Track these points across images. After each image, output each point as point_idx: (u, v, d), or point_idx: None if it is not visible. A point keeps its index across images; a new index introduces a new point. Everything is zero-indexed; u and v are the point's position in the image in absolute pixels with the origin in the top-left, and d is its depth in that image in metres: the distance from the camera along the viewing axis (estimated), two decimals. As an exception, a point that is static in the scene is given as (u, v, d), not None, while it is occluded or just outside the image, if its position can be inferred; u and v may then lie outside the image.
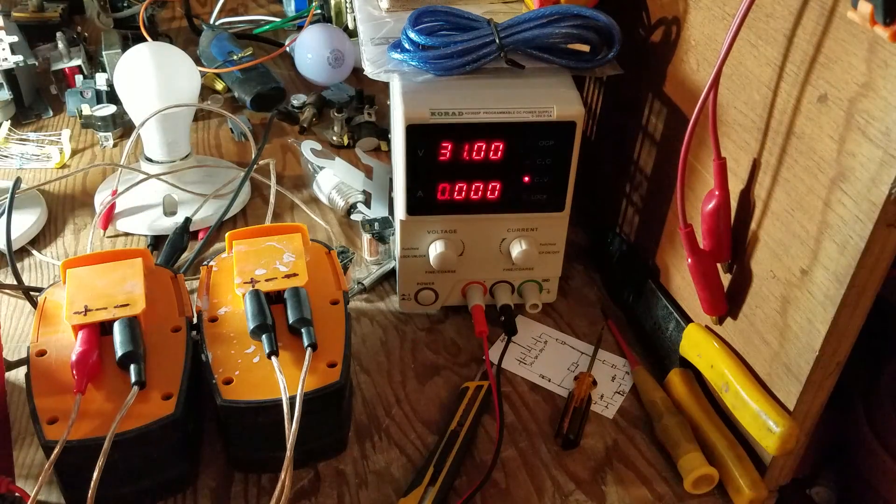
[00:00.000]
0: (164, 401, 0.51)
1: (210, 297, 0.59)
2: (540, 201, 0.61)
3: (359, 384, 0.62)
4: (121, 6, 0.99)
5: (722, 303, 0.55)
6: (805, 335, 0.48)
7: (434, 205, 0.60)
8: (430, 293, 0.67)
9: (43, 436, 0.48)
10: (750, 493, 0.52)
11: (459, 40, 0.57)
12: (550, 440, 0.58)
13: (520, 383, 0.63)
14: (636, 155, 0.66)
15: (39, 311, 0.57)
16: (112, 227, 0.77)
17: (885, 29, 0.34)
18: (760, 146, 0.50)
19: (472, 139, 0.57)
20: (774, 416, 0.50)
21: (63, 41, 0.91)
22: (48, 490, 0.53)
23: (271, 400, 0.51)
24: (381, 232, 0.71)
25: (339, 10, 1.05)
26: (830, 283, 0.45)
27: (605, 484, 0.56)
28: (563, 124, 0.57)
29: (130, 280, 0.57)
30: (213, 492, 0.54)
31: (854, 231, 0.42)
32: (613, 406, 0.61)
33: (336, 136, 0.90)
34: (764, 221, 0.50)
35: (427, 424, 0.59)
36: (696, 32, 0.55)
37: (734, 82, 0.51)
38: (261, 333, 0.54)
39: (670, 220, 0.62)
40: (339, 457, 0.57)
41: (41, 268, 0.73)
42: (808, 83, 0.44)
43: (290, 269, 0.59)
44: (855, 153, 0.42)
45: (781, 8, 0.45)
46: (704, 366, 0.57)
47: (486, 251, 0.64)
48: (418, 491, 0.53)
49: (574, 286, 0.72)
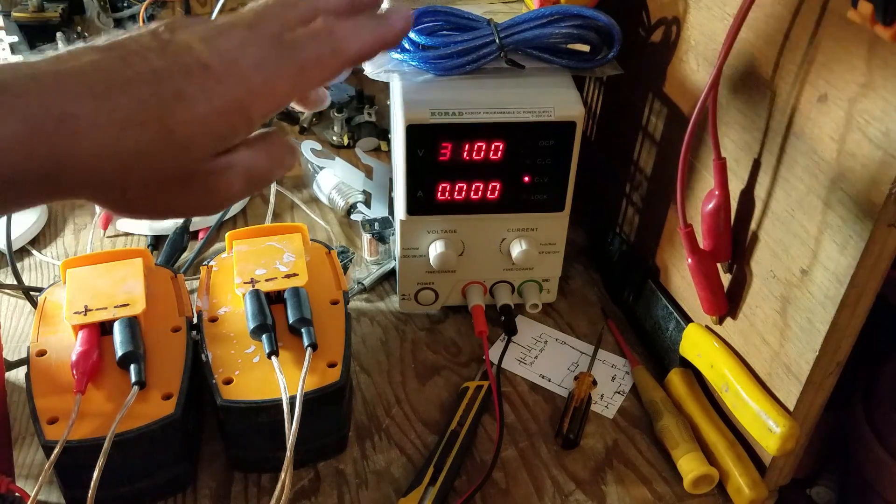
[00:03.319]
0: (164, 401, 0.51)
1: (210, 297, 0.59)
2: (540, 201, 0.61)
3: (359, 384, 0.62)
4: (121, 6, 0.99)
5: (722, 303, 0.55)
6: (805, 335, 0.48)
7: (434, 205, 0.60)
8: (430, 293, 0.67)
9: (43, 436, 0.48)
10: (750, 493, 0.52)
11: (459, 40, 0.57)
12: (550, 440, 0.58)
13: (520, 383, 0.63)
14: (636, 155, 0.66)
15: (39, 311, 0.57)
16: (112, 227, 0.77)
17: (885, 29, 0.34)
18: (760, 146, 0.50)
19: (472, 139, 0.57)
20: (774, 416, 0.50)
21: (63, 41, 0.90)
22: (48, 490, 0.53)
23: (271, 400, 0.51)
24: (381, 232, 0.71)
25: (339, 10, 1.05)
26: (830, 283, 0.45)
27: (605, 484, 0.56)
28: (563, 124, 0.57)
29: (130, 280, 0.57)
30: (213, 492, 0.54)
31: (854, 231, 0.42)
32: (613, 406, 0.61)
33: (336, 136, 0.90)
34: (764, 221, 0.50)
35: (427, 424, 0.59)
36: (696, 32, 0.55)
37: (734, 82, 0.51)
38: (261, 333, 0.54)
39: (670, 220, 0.62)
40: (339, 457, 0.57)
41: (41, 268, 0.73)
42: (808, 83, 0.44)
43: (290, 269, 0.59)
44: (855, 153, 0.42)
45: (781, 8, 0.45)
46: (704, 366, 0.57)
47: (486, 251, 0.64)
48: (418, 491, 0.53)
49: (574, 286, 0.72)
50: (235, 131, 0.37)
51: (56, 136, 0.33)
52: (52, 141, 0.33)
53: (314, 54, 0.39)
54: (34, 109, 0.32)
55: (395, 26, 0.43)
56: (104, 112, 0.34)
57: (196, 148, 0.36)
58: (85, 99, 0.33)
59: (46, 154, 0.33)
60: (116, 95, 0.34)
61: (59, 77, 0.34)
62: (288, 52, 0.38)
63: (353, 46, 0.41)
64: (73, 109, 0.33)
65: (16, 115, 0.32)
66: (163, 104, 0.35)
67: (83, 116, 0.33)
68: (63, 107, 0.33)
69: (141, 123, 0.34)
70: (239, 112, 0.37)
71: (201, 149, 0.36)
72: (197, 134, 0.36)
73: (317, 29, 0.40)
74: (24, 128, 0.32)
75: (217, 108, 0.36)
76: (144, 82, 0.35)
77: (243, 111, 0.37)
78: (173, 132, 0.35)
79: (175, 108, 0.35)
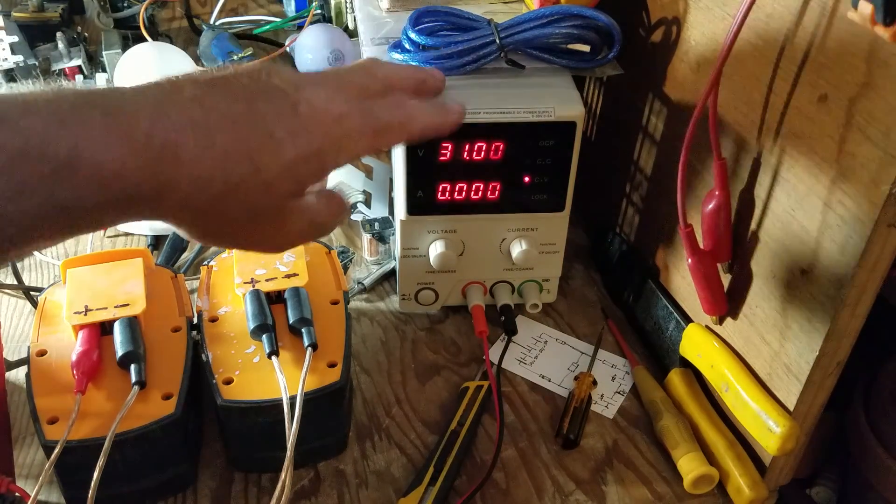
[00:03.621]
0: (165, 401, 0.51)
1: (210, 297, 0.59)
2: (540, 201, 0.61)
3: (359, 384, 0.62)
4: (121, 6, 0.99)
5: (722, 303, 0.55)
6: (805, 335, 0.48)
7: (434, 205, 0.60)
8: (430, 293, 0.67)
9: (43, 436, 0.48)
10: (750, 493, 0.52)
11: (460, 40, 0.57)
12: (550, 440, 0.58)
13: (520, 383, 0.63)
14: (636, 155, 0.66)
15: (39, 311, 0.57)
16: (112, 227, 0.77)
17: (886, 29, 0.34)
18: (760, 146, 0.50)
19: (472, 139, 0.57)
20: (774, 416, 0.50)
21: (63, 41, 0.90)
22: (48, 490, 0.53)
23: (271, 400, 0.51)
24: (381, 232, 0.71)
25: (339, 10, 1.05)
26: (830, 283, 0.45)
27: (605, 484, 0.56)
28: (563, 124, 0.57)
29: (131, 280, 0.57)
30: (213, 492, 0.54)
31: (854, 231, 0.42)
32: (613, 406, 0.61)
33: (336, 136, 0.90)
34: (764, 221, 0.50)
35: (427, 424, 0.59)
36: (696, 32, 0.55)
37: (734, 82, 0.51)
38: (261, 333, 0.54)
39: (670, 220, 0.62)
40: (339, 457, 0.57)
41: (41, 268, 0.73)
42: (808, 83, 0.44)
43: (290, 269, 0.59)
44: (855, 153, 0.42)
45: (781, 8, 0.45)
46: (704, 366, 0.57)
47: (486, 251, 0.64)
48: (418, 491, 0.53)
49: (574, 286, 0.72)
50: (312, 177, 0.41)
51: (160, 162, 0.36)
52: (155, 167, 0.36)
53: (387, 121, 0.44)
54: (139, 135, 0.35)
55: (451, 118, 0.49)
56: (203, 146, 0.37)
57: (278, 186, 0.40)
58: (187, 130, 0.37)
59: (150, 176, 0.36)
60: (215, 132, 0.37)
61: (160, 107, 0.37)
62: (366, 115, 0.43)
63: (419, 125, 0.46)
64: (177, 139, 0.36)
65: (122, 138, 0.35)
66: (255, 142, 0.39)
67: (186, 148, 0.36)
68: (166, 135, 0.36)
69: (235, 160, 0.38)
70: (318, 160, 0.41)
71: (282, 188, 0.40)
72: (281, 174, 0.39)
73: (392, 101, 0.45)
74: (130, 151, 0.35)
75: (301, 154, 0.40)
76: (243, 119, 0.39)
77: (321, 159, 0.41)
78: (260, 171, 0.39)
79: (264, 147, 0.39)
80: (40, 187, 0.33)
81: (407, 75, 0.49)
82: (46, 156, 0.33)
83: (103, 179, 0.35)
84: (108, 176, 0.35)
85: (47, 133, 0.33)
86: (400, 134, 0.46)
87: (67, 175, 0.34)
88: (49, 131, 0.33)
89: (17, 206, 0.33)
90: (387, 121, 0.44)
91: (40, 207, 0.33)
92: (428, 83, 0.50)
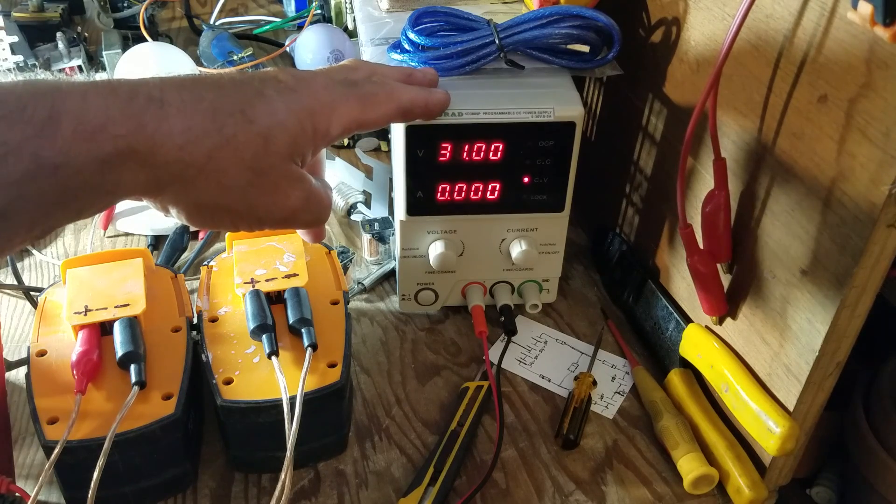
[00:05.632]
0: (165, 401, 0.51)
1: (210, 297, 0.59)
2: (540, 201, 0.61)
3: (359, 384, 0.62)
4: (121, 6, 0.99)
5: (722, 303, 0.55)
6: (805, 335, 0.48)
7: (434, 205, 0.60)
8: (430, 293, 0.67)
9: (43, 436, 0.48)
10: (750, 493, 0.52)
11: (459, 41, 0.57)
12: (550, 440, 0.58)
13: (520, 383, 0.63)
14: (636, 155, 0.66)
15: (39, 311, 0.57)
16: (112, 227, 0.77)
17: (886, 29, 0.34)
18: (760, 146, 0.50)
19: (471, 140, 0.57)
20: (774, 416, 0.50)
21: (63, 41, 0.91)
22: (48, 490, 0.53)
23: (271, 400, 0.51)
24: (381, 232, 0.71)
25: (339, 11, 1.05)
26: (830, 283, 0.45)
27: (605, 484, 0.56)
28: (562, 125, 0.57)
29: (131, 280, 0.57)
30: (213, 492, 0.54)
31: (854, 231, 0.42)
32: (613, 406, 0.61)
33: (336, 137, 0.90)
34: (764, 221, 0.50)
35: (427, 424, 0.59)
36: (696, 32, 0.55)
37: (734, 82, 0.51)
38: (261, 333, 0.54)
39: (670, 220, 0.62)
40: (339, 457, 0.57)
41: (41, 268, 0.73)
42: (807, 83, 0.44)
43: (290, 269, 0.59)
44: (855, 153, 0.42)
45: (781, 8, 0.45)
46: (704, 366, 0.57)
47: (486, 251, 0.64)
48: (418, 491, 0.53)
49: (574, 286, 0.72)
50: (306, 136, 0.42)
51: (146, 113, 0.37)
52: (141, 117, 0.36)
53: (371, 91, 0.46)
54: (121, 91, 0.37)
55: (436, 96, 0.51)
56: (191, 101, 0.38)
57: (274, 141, 0.41)
58: (173, 89, 0.38)
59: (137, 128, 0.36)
60: (202, 89, 0.39)
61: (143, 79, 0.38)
62: (351, 87, 0.45)
63: (405, 96, 0.48)
64: (161, 96, 0.37)
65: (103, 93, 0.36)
66: (245, 99, 0.40)
67: (172, 103, 0.37)
68: (150, 91, 0.37)
69: (227, 112, 0.39)
70: (310, 118, 0.42)
71: (279, 143, 0.41)
72: (275, 127, 0.41)
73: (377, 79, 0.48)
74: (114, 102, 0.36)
75: (292, 108, 0.41)
76: (229, 83, 0.41)
77: (313, 119, 0.42)
78: (254, 122, 0.40)
79: (256, 102, 0.40)
80: (25, 146, 0.33)
81: (393, 67, 0.51)
82: (25, 117, 0.33)
83: (88, 133, 0.35)
84: (92, 129, 0.35)
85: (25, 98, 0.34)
86: (388, 103, 0.47)
87: (51, 132, 0.34)
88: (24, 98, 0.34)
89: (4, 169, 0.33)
90: (371, 91, 0.46)
91: (27, 172, 0.33)
92: (415, 75, 0.52)
